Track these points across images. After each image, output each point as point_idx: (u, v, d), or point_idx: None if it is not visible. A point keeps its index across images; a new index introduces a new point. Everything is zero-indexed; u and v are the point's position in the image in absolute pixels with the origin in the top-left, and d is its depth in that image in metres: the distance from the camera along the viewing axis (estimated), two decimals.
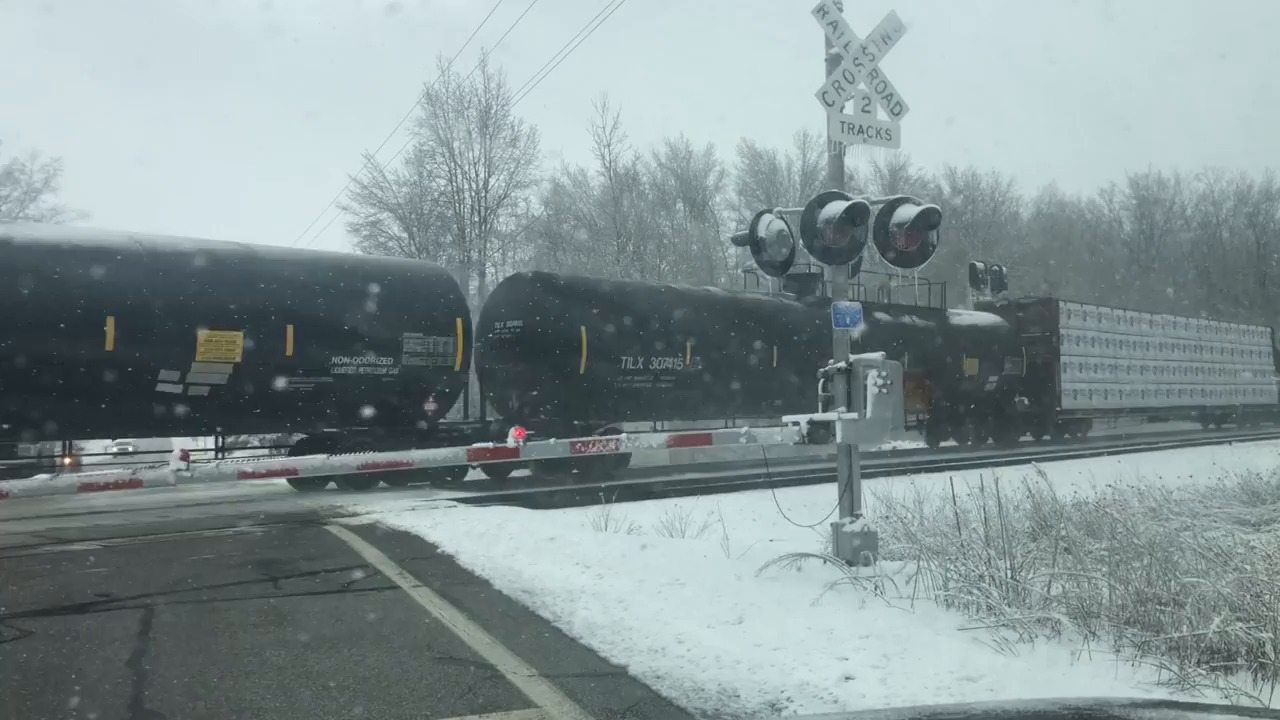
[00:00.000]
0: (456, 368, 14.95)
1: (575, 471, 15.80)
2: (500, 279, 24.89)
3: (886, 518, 7.47)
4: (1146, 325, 30.46)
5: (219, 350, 12.21)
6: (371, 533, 9.41)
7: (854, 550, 6.47)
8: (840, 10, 6.98)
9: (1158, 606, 4.71)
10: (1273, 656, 4.12)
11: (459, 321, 15.00)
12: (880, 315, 21.35)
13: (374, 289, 13.93)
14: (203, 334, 12.02)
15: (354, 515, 10.78)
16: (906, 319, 22.64)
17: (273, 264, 13.46)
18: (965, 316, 25.43)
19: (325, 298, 13.49)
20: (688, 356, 17.43)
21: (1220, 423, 35.36)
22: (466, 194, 35.61)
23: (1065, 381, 26.23)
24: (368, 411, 13.54)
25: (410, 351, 14.19)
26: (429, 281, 15.58)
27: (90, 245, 11.73)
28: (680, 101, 70.23)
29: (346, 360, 13.52)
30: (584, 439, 13.97)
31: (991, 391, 24.53)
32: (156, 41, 72.18)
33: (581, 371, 15.86)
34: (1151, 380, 30.27)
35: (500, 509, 10.73)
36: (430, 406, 14.62)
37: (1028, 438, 26.75)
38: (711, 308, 18.96)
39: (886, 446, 21.19)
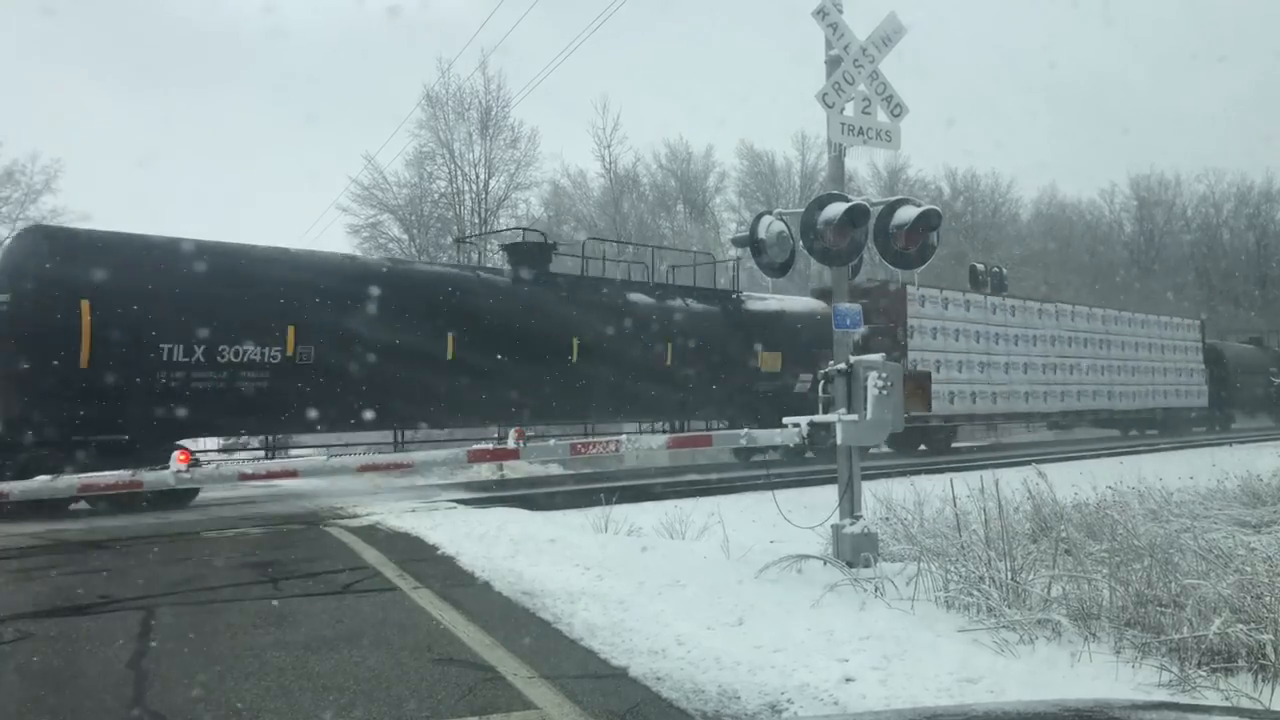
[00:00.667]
0: None
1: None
2: None
3: (886, 519, 7.47)
4: (1035, 315, 26.04)
5: None
6: (372, 534, 9.41)
7: (854, 552, 6.47)
8: (840, 12, 6.99)
9: (1158, 608, 4.71)
10: (1273, 658, 4.12)
11: None
12: (635, 296, 17.42)
13: None
14: None
15: (354, 517, 10.78)
16: (676, 301, 18.31)
17: None
18: (771, 302, 20.82)
19: None
20: (289, 344, 12.78)
21: (1144, 429, 31.45)
22: (467, 195, 35.65)
23: None
24: None
25: None
26: None
27: None
28: (680, 103, 70.22)
29: None
30: (584, 439, 13.97)
31: (804, 393, 19.44)
32: (158, 44, 72.20)
33: (83, 364, 11.42)
34: (1042, 380, 25.89)
35: (500, 510, 10.73)
36: None
37: (884, 448, 22.88)
38: (338, 278, 13.73)
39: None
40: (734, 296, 19.72)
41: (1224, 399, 34.32)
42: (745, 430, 14.18)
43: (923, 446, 21.81)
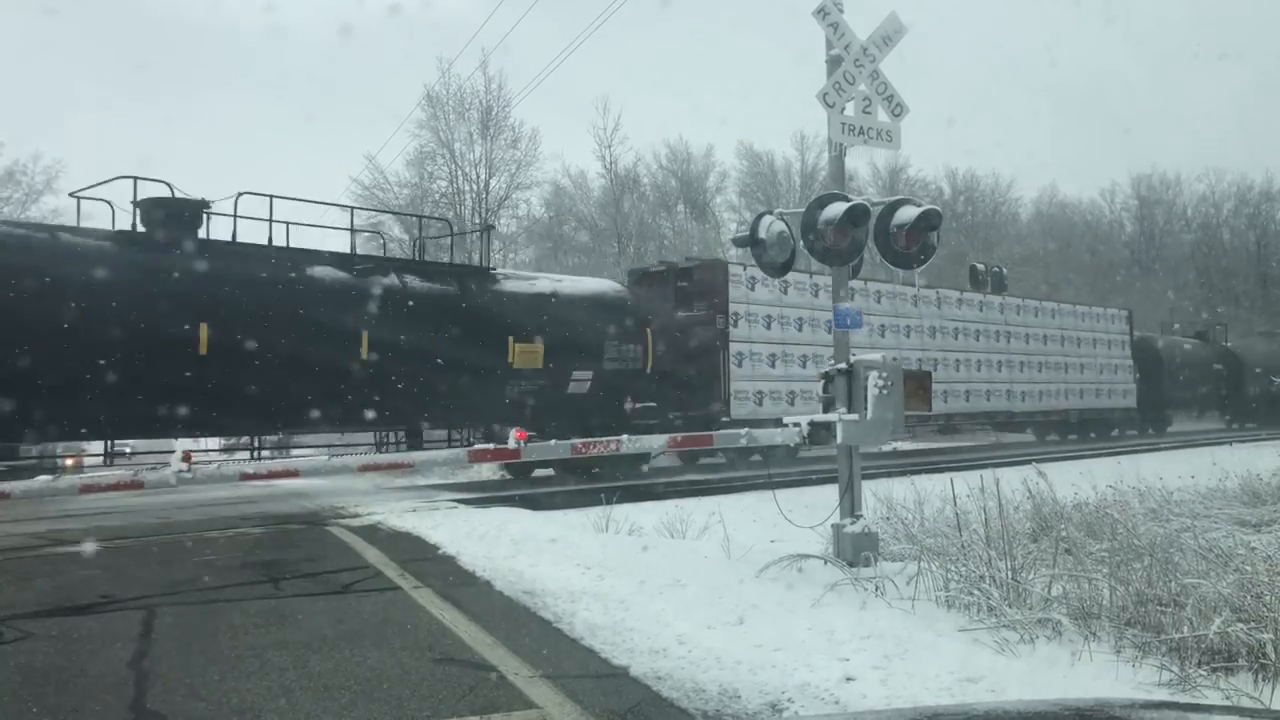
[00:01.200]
0: None
1: None
2: None
3: (887, 519, 7.47)
4: (908, 303, 21.89)
5: None
6: (373, 534, 9.42)
7: (855, 551, 6.48)
8: (841, 12, 6.99)
9: (1158, 607, 4.71)
10: (1273, 657, 4.12)
11: None
12: (320, 271, 13.31)
13: None
14: None
15: (355, 516, 10.79)
16: (387, 279, 13.92)
17: None
18: (540, 282, 16.86)
19: None
20: None
21: (1064, 433, 27.95)
22: (467, 195, 35.68)
23: (737, 380, 17.79)
24: None
25: None
26: None
27: None
28: (680, 103, 70.39)
29: None
30: (586, 439, 13.99)
31: (581, 395, 15.82)
32: (158, 44, 72.22)
33: None
34: None
35: (502, 510, 10.74)
36: None
37: (717, 459, 18.01)
38: None
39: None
40: (484, 274, 15.69)
41: (1158, 399, 30.27)
42: (746, 430, 14.20)
43: (756, 456, 17.48)
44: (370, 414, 13.84)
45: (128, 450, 19.08)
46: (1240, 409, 34.30)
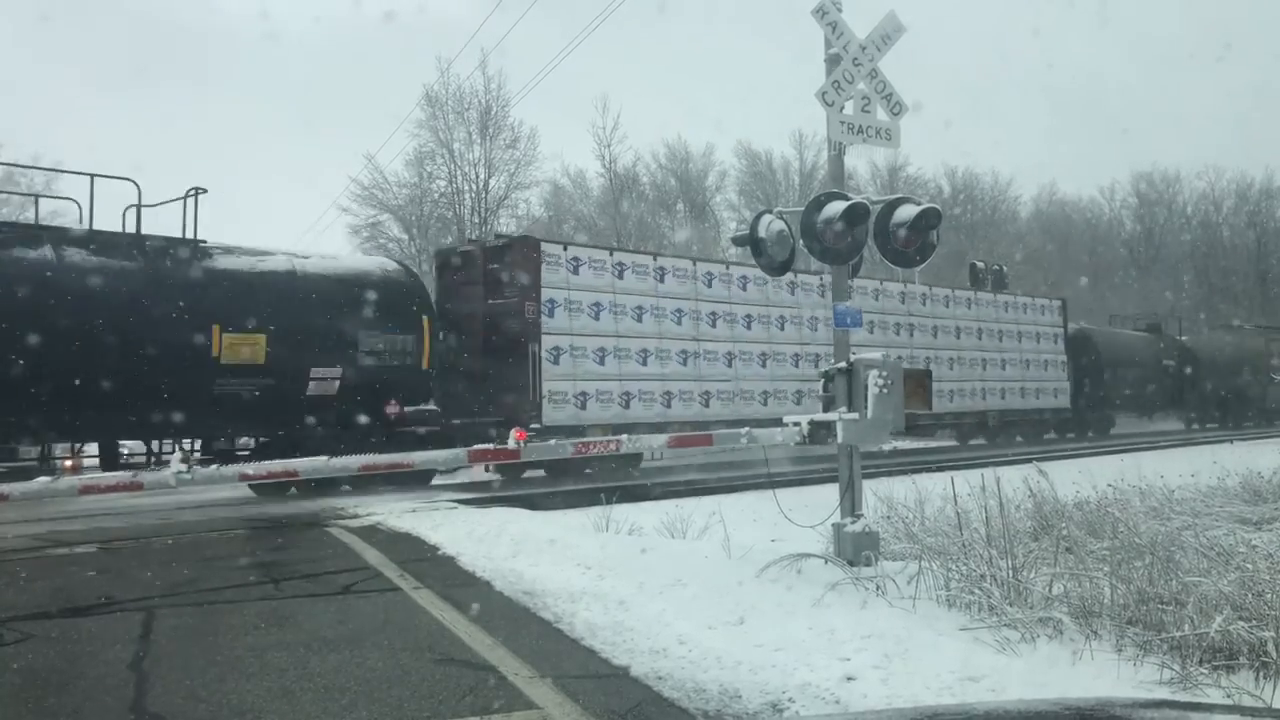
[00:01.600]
0: None
1: None
2: None
3: (888, 518, 7.47)
4: (784, 290, 18.87)
5: None
6: (372, 535, 9.41)
7: (855, 551, 6.47)
8: (839, 11, 6.98)
9: (1159, 606, 4.70)
10: (1275, 655, 4.11)
11: None
12: None
13: None
14: None
15: (355, 517, 10.77)
16: (34, 254, 11.27)
17: None
18: (275, 259, 13.51)
19: None
20: None
21: (993, 438, 24.18)
22: (467, 195, 35.77)
23: (551, 379, 15.15)
24: None
25: None
26: None
27: None
28: (680, 103, 70.21)
29: None
30: (587, 439, 13.96)
31: (328, 397, 13.30)
32: (156, 47, 72.19)
33: None
34: (794, 376, 18.67)
35: (501, 511, 10.73)
36: None
37: (538, 472, 15.45)
38: None
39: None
40: (189, 247, 12.52)
41: (1098, 398, 27.33)
42: (746, 430, 14.16)
43: (590, 469, 15.10)
44: None
45: (125, 452, 19.04)
46: (1200, 407, 32.28)
